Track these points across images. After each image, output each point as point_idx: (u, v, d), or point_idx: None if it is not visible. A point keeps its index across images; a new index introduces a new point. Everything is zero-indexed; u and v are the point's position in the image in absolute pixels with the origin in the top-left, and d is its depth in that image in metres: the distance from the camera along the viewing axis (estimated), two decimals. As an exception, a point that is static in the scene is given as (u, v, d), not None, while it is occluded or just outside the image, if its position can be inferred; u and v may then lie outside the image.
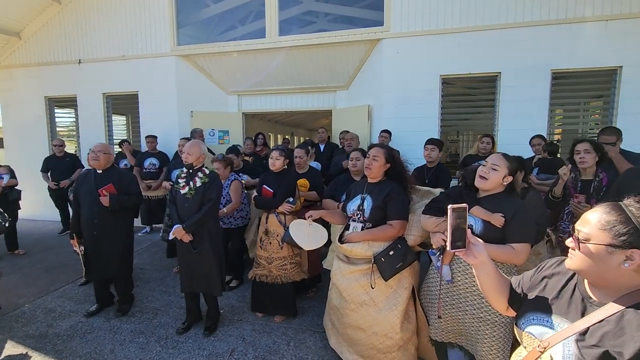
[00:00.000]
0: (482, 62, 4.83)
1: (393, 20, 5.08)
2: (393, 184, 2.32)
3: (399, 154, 2.48)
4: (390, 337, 2.21)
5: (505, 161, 1.89)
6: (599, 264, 0.89)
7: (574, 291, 0.99)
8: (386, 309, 2.23)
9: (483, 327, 1.86)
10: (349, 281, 2.34)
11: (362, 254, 2.29)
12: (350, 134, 4.70)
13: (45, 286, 3.85)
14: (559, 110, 5.62)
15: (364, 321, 2.27)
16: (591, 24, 4.48)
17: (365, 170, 2.40)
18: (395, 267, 2.21)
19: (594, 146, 2.66)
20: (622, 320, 0.84)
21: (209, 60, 6.01)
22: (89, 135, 6.44)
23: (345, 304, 2.35)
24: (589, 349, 0.86)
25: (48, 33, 6.53)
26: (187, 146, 2.75)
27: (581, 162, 2.67)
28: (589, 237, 0.90)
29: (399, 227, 2.26)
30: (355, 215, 2.38)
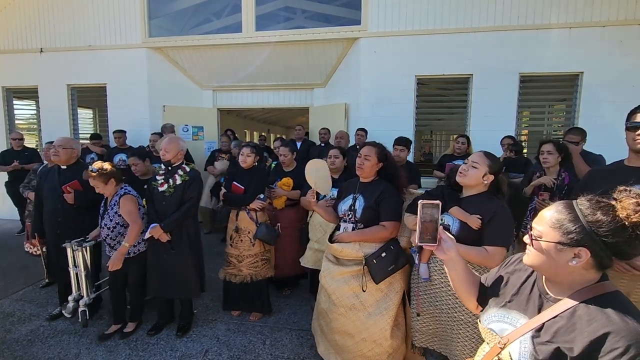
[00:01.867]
0: (456, 63, 4.96)
1: (370, 19, 5.12)
2: (386, 184, 2.25)
3: (391, 153, 2.41)
4: (380, 344, 2.13)
5: (486, 159, 1.88)
6: (550, 261, 0.91)
7: (533, 287, 1.02)
8: (376, 314, 2.14)
9: (457, 327, 1.88)
10: (338, 283, 2.23)
11: (353, 255, 2.19)
12: (341, 132, 4.71)
13: (2, 289, 3.61)
14: (525, 113, 5.88)
15: (353, 326, 2.17)
16: (556, 30, 4.71)
17: (357, 170, 2.31)
18: (387, 269, 2.13)
19: (557, 147, 2.82)
20: (574, 316, 0.87)
21: (182, 53, 5.82)
22: (51, 129, 6.08)
23: (333, 307, 2.25)
24: (543, 345, 0.89)
25: (6, 19, 6.09)
26: (164, 142, 2.64)
27: (544, 162, 2.85)
28: (541, 235, 0.93)
29: (391, 228, 2.18)
30: (346, 215, 2.29)
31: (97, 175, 2.56)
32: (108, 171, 2.60)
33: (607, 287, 0.90)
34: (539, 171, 2.95)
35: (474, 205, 1.88)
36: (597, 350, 0.79)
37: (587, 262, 0.87)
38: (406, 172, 3.62)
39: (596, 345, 0.80)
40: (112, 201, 2.68)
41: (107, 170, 2.60)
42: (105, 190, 2.64)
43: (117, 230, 2.70)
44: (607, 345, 0.78)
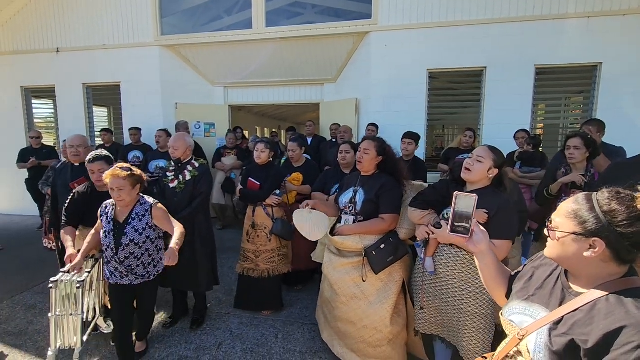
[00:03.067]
0: (469, 56, 4.88)
1: (381, 13, 5.06)
2: (386, 178, 2.31)
3: (391, 147, 2.45)
4: (380, 331, 2.21)
5: (491, 153, 1.89)
6: (567, 252, 0.91)
7: (557, 281, 1.01)
8: (376, 303, 2.23)
9: (464, 319, 1.89)
10: (340, 274, 2.33)
11: (353, 246, 2.28)
12: (344, 126, 4.69)
13: (24, 282, 3.73)
14: (541, 105, 5.75)
15: (354, 314, 2.27)
16: (574, 20, 4.57)
17: (357, 164, 2.39)
18: (386, 260, 2.21)
19: (585, 142, 2.61)
20: (593, 310, 0.86)
21: (194, 50, 5.88)
22: (68, 127, 6.22)
23: (336, 296, 2.35)
24: (559, 337, 0.88)
25: (24, 20, 6.24)
26: (172, 141, 2.68)
27: (570, 158, 2.66)
28: (558, 226, 0.94)
29: (390, 220, 2.26)
30: (347, 208, 2.38)
31: (128, 176, 2.10)
32: (138, 174, 2.19)
33: (632, 282, 0.88)
34: (564, 167, 2.78)
35: (479, 199, 1.88)
36: (610, 344, 0.78)
37: (604, 254, 0.86)
38: (413, 167, 3.65)
39: (611, 338, 0.79)
40: (134, 212, 2.21)
41: (137, 173, 2.18)
42: (127, 196, 2.13)
43: (146, 247, 2.25)
44: (622, 339, 0.77)
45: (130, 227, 2.19)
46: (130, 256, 2.22)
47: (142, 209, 2.25)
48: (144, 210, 2.25)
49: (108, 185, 2.08)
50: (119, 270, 2.23)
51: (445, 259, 1.97)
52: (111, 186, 2.07)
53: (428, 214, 2.08)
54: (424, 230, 2.01)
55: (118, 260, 2.19)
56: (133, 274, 2.25)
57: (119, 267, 2.20)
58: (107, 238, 2.18)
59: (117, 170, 2.07)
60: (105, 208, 2.25)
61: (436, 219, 2.01)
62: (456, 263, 1.93)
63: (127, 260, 2.22)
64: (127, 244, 2.18)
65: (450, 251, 1.95)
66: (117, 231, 2.18)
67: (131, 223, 2.20)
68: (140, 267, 2.27)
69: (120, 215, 2.22)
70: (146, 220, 2.24)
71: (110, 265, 2.25)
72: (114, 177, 2.06)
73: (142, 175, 2.21)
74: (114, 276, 2.26)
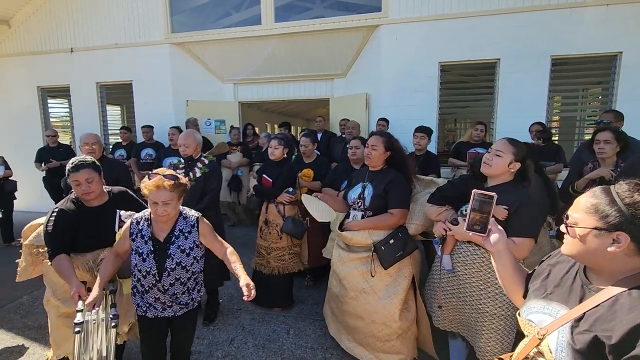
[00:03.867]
0: (482, 48, 4.77)
1: (391, 5, 4.99)
2: (394, 173, 2.31)
3: (399, 142, 2.43)
4: (389, 326, 2.21)
5: (511, 146, 1.81)
6: (588, 249, 0.89)
7: (575, 278, 0.99)
8: (385, 298, 2.23)
9: (481, 319, 1.86)
10: (348, 269, 2.34)
11: (362, 242, 2.28)
12: (352, 122, 4.66)
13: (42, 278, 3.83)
14: (557, 97, 5.59)
15: (363, 309, 2.27)
16: (592, 8, 4.41)
17: (366, 159, 2.39)
18: (396, 255, 2.21)
19: (615, 136, 2.48)
20: (615, 305, 0.84)
21: (204, 48, 5.90)
22: (83, 126, 6.34)
23: (344, 291, 2.35)
24: (581, 334, 0.86)
25: (38, 21, 6.37)
26: (182, 139, 2.70)
27: (600, 153, 2.52)
28: (577, 221, 0.91)
29: (399, 215, 2.25)
30: (355, 203, 2.37)
31: (175, 186, 1.70)
32: (184, 183, 1.80)
33: None
34: (592, 162, 2.65)
35: (499, 195, 1.82)
36: (635, 339, 0.76)
37: (629, 248, 0.83)
38: (426, 162, 3.60)
39: (635, 333, 0.76)
40: (177, 228, 1.81)
41: (183, 181, 1.79)
42: (173, 211, 1.75)
43: (193, 269, 1.86)
44: None
45: (174, 246, 1.77)
46: (176, 282, 1.79)
47: (186, 224, 1.83)
48: (189, 225, 1.83)
49: (148, 197, 1.68)
50: (161, 301, 1.80)
51: (463, 257, 1.94)
52: (154, 199, 1.66)
53: (445, 210, 2.05)
54: (441, 226, 1.95)
55: (162, 289, 1.77)
56: (177, 304, 1.84)
57: (161, 296, 1.79)
58: (146, 262, 1.75)
59: (163, 180, 1.66)
60: (137, 224, 1.81)
61: (453, 215, 1.98)
62: (474, 261, 1.89)
63: (172, 287, 1.79)
64: (172, 268, 1.76)
65: (469, 249, 1.91)
66: (158, 252, 1.77)
67: (175, 242, 1.78)
68: (185, 295, 1.86)
69: (159, 232, 1.79)
70: (193, 237, 1.83)
71: (148, 295, 1.80)
72: (159, 188, 1.64)
73: (187, 184, 1.83)
74: (153, 308, 1.82)
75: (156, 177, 1.68)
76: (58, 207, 1.99)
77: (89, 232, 1.96)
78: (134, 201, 2.21)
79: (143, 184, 1.69)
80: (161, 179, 1.67)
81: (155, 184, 1.65)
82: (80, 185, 1.92)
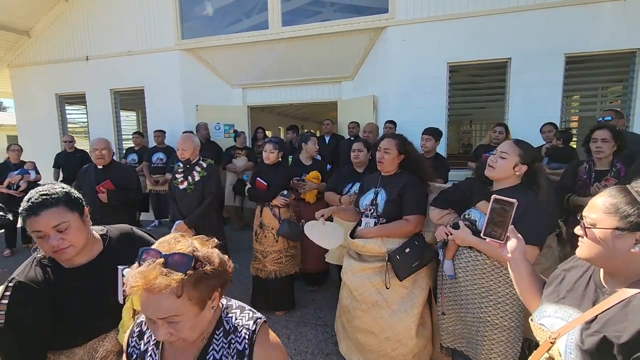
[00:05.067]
0: (491, 47, 4.64)
1: (398, 6, 4.93)
2: (409, 177, 2.16)
3: (412, 144, 2.30)
4: (404, 344, 2.06)
5: (517, 148, 1.73)
6: (607, 250, 0.85)
7: (589, 282, 0.97)
8: (400, 312, 2.06)
9: (483, 329, 1.77)
10: (360, 279, 2.17)
11: (375, 250, 2.11)
12: (369, 125, 4.61)
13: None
14: (575, 97, 5.39)
15: (376, 324, 2.11)
16: (609, 4, 4.23)
17: (378, 164, 2.25)
18: (412, 266, 2.05)
19: (613, 134, 2.41)
20: (627, 307, 0.82)
21: (212, 53, 5.98)
22: (98, 132, 6.52)
23: (356, 304, 2.19)
24: (590, 336, 0.85)
25: (56, 31, 6.61)
26: (180, 142, 2.74)
27: (597, 152, 2.44)
28: (595, 222, 0.87)
29: (415, 222, 2.10)
30: (368, 210, 2.23)
31: (187, 283, 0.80)
32: (217, 269, 0.93)
33: None
34: (587, 162, 2.59)
35: None
36: None
37: None
38: (434, 164, 3.51)
39: None
40: (211, 356, 0.91)
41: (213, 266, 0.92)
42: (192, 332, 0.85)
43: None
44: None
45: None
46: None
47: (230, 348, 0.93)
48: (235, 350, 0.93)
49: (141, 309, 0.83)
50: None
51: (465, 263, 1.85)
52: (150, 316, 0.81)
53: (447, 214, 1.97)
54: (443, 230, 1.88)
55: None
56: None
57: None
58: None
59: (153, 273, 0.77)
60: (138, 338, 0.98)
61: (456, 219, 1.91)
62: (476, 268, 1.80)
63: None
64: None
65: (470, 254, 1.82)
66: None
67: None
68: None
69: None
70: None
71: None
72: (150, 292, 0.78)
73: (225, 269, 0.97)
74: None
75: (146, 264, 0.80)
76: (15, 278, 1.13)
77: (74, 310, 1.15)
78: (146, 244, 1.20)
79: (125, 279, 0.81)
80: (153, 269, 0.78)
81: (145, 284, 0.77)
82: (46, 239, 1.10)
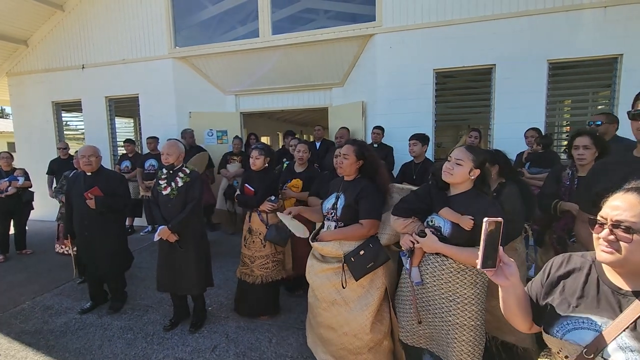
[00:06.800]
0: (476, 54, 4.73)
1: (385, 14, 5.03)
2: (366, 183, 2.27)
3: (371, 150, 2.40)
4: (360, 338, 2.17)
5: (469, 154, 1.81)
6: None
7: (599, 286, 0.96)
8: (357, 309, 2.19)
9: (452, 331, 1.82)
10: (321, 279, 2.31)
11: (333, 252, 2.24)
12: (340, 130, 4.69)
13: (47, 284, 4.01)
14: (567, 102, 5.45)
15: (335, 321, 2.25)
16: (589, 11, 4.32)
17: (338, 169, 2.37)
18: (366, 267, 2.15)
19: (594, 141, 2.41)
20: None
21: (205, 61, 6.09)
22: (93, 138, 6.62)
23: (317, 302, 2.34)
24: None
25: (53, 40, 6.75)
26: (165, 147, 2.79)
27: (579, 159, 2.43)
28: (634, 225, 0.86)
29: (369, 226, 2.19)
30: (329, 213, 2.35)
31: None
32: None
33: None
34: (570, 168, 2.57)
35: (463, 204, 1.82)
36: None
37: None
38: (423, 169, 3.56)
39: None
40: None
41: None
42: None
43: None
44: None
45: None
46: None
47: None
48: None
49: None
50: None
51: (432, 268, 1.89)
52: None
53: (412, 222, 2.00)
54: (408, 239, 1.94)
55: None
56: None
57: None
58: None
59: None
60: None
61: (420, 227, 1.95)
62: (442, 272, 1.85)
63: None
64: None
65: (437, 260, 1.87)
66: None
67: None
68: None
69: None
70: None
71: None
72: None
73: None
74: None
75: None
76: None
77: None
78: None
79: None
80: None
81: None
82: None
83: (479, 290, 1.82)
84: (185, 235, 2.83)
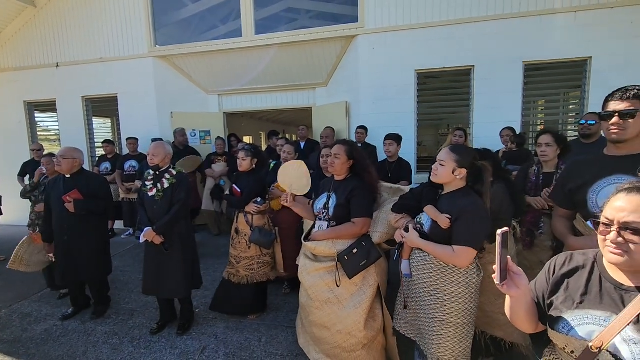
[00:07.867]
0: (456, 55, 4.87)
1: (367, 15, 5.10)
2: (356, 182, 2.31)
3: (361, 151, 2.47)
4: (354, 336, 2.20)
5: (452, 154, 1.85)
6: None
7: (602, 283, 0.99)
8: (350, 307, 2.21)
9: (432, 324, 1.87)
10: (314, 279, 2.32)
11: (327, 252, 2.27)
12: (325, 130, 4.73)
13: (23, 291, 3.86)
14: (541, 102, 5.68)
15: (329, 319, 2.26)
16: (561, 15, 4.53)
17: (329, 168, 2.40)
18: (359, 265, 2.20)
19: (555, 138, 2.61)
20: None
21: (187, 60, 6.00)
22: (70, 139, 6.39)
23: (310, 301, 2.34)
24: None
25: (25, 37, 6.47)
26: (151, 148, 2.75)
27: (542, 156, 2.64)
28: None
29: (361, 225, 2.24)
30: (321, 213, 2.37)
31: None
32: None
33: None
34: (536, 165, 2.76)
35: (448, 203, 1.87)
36: None
37: None
38: (397, 168, 3.66)
39: None
40: None
41: None
42: None
43: None
44: None
45: None
46: None
47: None
48: None
49: None
50: None
51: (417, 262, 1.96)
52: None
53: (402, 218, 2.08)
54: (399, 233, 2.02)
55: None
56: None
57: None
58: None
59: None
60: None
61: (409, 222, 2.02)
62: (424, 267, 1.91)
63: None
64: None
65: (420, 255, 1.93)
66: None
67: None
68: None
69: None
70: None
71: None
72: None
73: None
74: None
75: None
76: None
77: None
78: None
79: None
80: None
81: None
82: None
83: (463, 290, 1.81)
84: (171, 238, 2.80)
